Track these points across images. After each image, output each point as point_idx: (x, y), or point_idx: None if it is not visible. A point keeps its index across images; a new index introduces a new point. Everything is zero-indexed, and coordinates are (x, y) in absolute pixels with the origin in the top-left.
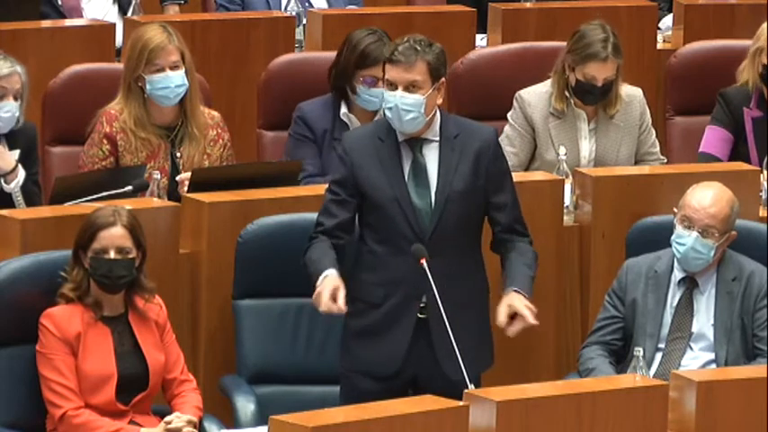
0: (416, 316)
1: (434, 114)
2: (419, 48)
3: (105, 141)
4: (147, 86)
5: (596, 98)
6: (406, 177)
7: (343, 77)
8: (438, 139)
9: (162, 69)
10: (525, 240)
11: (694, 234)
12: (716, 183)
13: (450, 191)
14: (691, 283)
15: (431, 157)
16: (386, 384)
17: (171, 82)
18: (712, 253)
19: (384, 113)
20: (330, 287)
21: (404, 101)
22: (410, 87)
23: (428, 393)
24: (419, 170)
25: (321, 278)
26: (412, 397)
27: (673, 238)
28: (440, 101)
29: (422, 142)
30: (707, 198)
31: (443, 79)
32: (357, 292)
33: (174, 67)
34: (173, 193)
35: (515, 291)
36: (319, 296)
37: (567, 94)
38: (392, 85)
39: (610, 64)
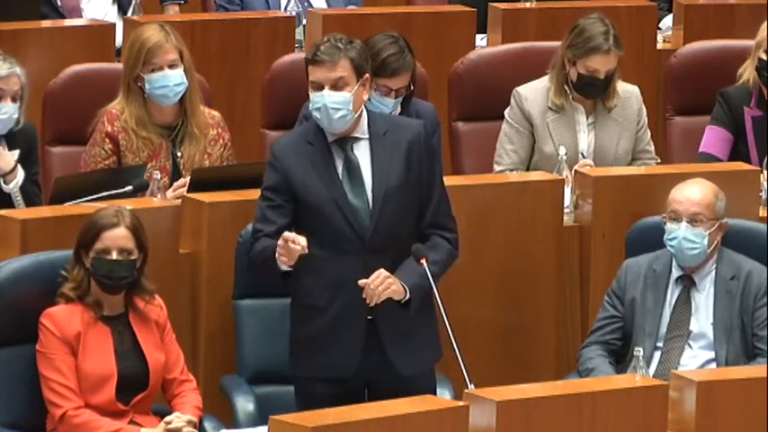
0: (365, 317)
1: (361, 112)
2: (341, 45)
3: (107, 140)
4: (146, 86)
5: (599, 91)
6: (341, 177)
7: None
8: (367, 136)
9: (160, 68)
10: (448, 236)
11: (683, 225)
12: (698, 178)
13: (387, 187)
14: (688, 282)
15: (362, 155)
16: (341, 388)
17: (169, 81)
18: (705, 242)
19: (313, 116)
20: (285, 242)
21: (331, 99)
22: (336, 86)
23: (382, 392)
24: (353, 169)
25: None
26: (411, 397)
27: (665, 238)
28: (366, 97)
29: (352, 141)
30: (689, 189)
31: (368, 75)
32: (302, 297)
33: (172, 66)
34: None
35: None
36: (291, 251)
37: (566, 88)
38: (318, 86)
39: (612, 56)
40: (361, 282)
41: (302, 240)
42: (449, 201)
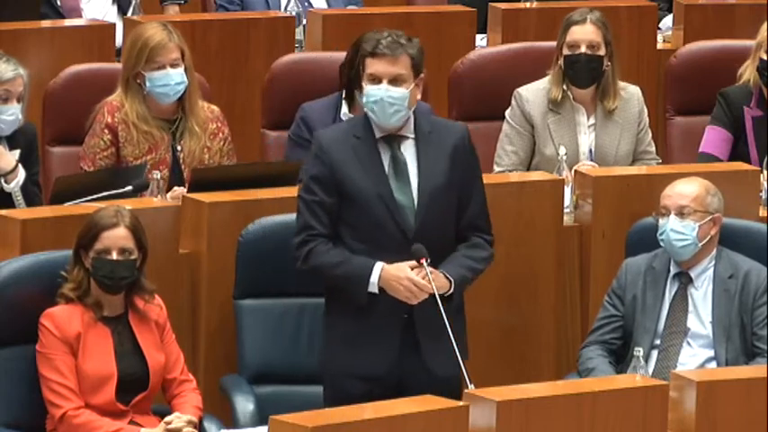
0: (402, 316)
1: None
2: (403, 41)
3: (106, 131)
4: (147, 83)
5: (584, 68)
6: (387, 174)
7: (356, 80)
8: (413, 136)
9: (163, 67)
10: (486, 239)
11: (671, 217)
12: (690, 177)
13: (432, 187)
14: (685, 279)
15: (408, 153)
16: (373, 385)
17: (171, 79)
18: (695, 233)
19: (366, 109)
20: (409, 276)
21: (390, 94)
22: (394, 81)
23: (414, 391)
24: (399, 167)
25: (376, 275)
26: (412, 397)
27: (657, 235)
28: (419, 96)
29: (399, 139)
30: (678, 185)
31: (422, 75)
32: (341, 294)
33: (174, 65)
34: (174, 185)
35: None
36: (409, 290)
37: (564, 87)
38: (376, 79)
39: (590, 26)
40: (409, 275)
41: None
42: (487, 205)
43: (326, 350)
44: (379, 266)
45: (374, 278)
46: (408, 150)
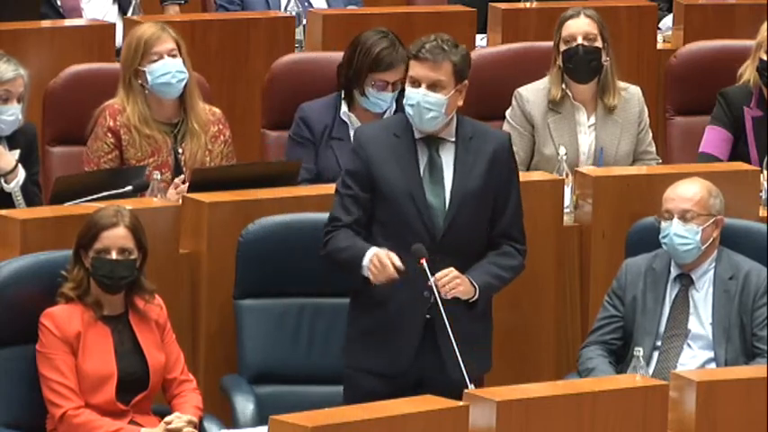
0: (424, 316)
1: (452, 116)
2: (446, 48)
3: (109, 135)
4: (148, 78)
5: (582, 61)
6: (422, 174)
7: (355, 79)
8: (454, 139)
9: (160, 57)
10: (518, 248)
11: (675, 221)
12: (692, 177)
13: (466, 191)
14: (686, 280)
15: (446, 156)
16: (391, 384)
17: (171, 68)
18: (698, 237)
19: (405, 110)
20: (388, 259)
21: (426, 99)
22: (434, 86)
23: (433, 391)
24: (435, 169)
25: (368, 258)
26: (412, 397)
27: (660, 237)
28: (460, 103)
29: (438, 142)
30: (681, 187)
31: (466, 82)
32: (364, 289)
33: (171, 55)
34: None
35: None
36: (385, 269)
37: (563, 86)
38: (416, 82)
39: (584, 19)
40: (430, 282)
41: (396, 260)
42: (522, 215)
43: (347, 346)
44: (372, 250)
45: (366, 261)
46: (447, 154)
